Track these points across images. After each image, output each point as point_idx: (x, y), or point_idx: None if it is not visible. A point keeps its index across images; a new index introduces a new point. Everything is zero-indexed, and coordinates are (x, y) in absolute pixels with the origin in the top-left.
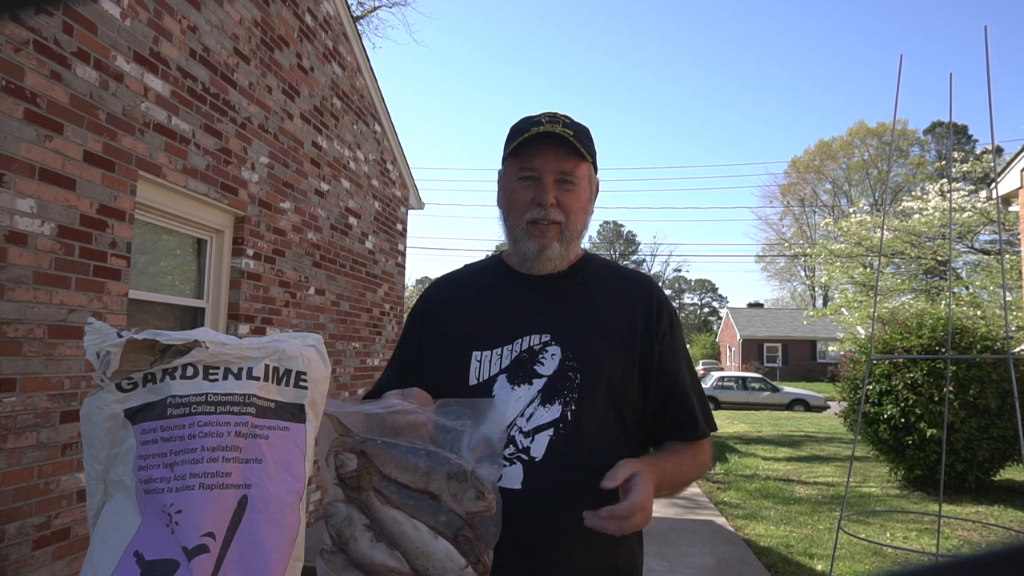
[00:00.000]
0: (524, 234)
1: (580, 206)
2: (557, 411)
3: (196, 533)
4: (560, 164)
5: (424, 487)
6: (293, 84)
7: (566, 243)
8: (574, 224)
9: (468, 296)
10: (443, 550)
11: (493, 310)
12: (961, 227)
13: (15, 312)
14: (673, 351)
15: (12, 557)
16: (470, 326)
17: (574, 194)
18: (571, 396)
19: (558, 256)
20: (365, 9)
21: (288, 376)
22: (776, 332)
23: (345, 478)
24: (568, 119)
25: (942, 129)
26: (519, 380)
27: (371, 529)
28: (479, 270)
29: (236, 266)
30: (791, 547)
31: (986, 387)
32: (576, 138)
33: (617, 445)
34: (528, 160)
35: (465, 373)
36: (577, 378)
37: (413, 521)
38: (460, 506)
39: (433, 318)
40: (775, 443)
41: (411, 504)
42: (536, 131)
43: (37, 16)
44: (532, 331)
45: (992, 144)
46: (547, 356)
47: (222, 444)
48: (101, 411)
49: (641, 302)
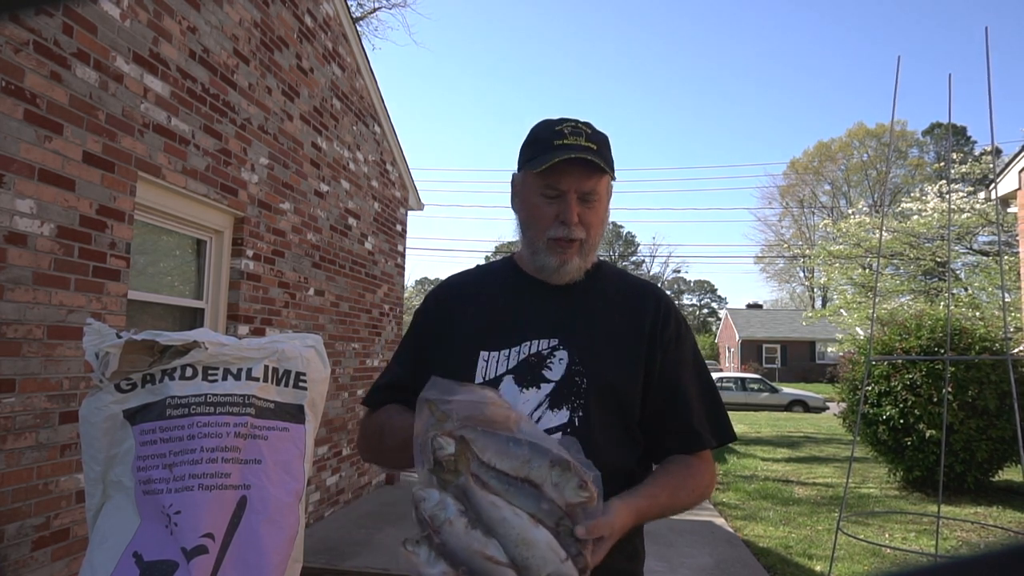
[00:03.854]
0: (545, 249)
1: (600, 220)
2: (565, 416)
3: (195, 534)
4: (583, 184)
5: (525, 475)
6: (293, 85)
7: (585, 256)
8: (594, 238)
9: (478, 296)
10: (545, 539)
11: (502, 312)
12: (960, 228)
13: (14, 313)
14: (678, 359)
15: (11, 558)
16: (478, 326)
17: (595, 210)
18: (578, 402)
19: (577, 270)
20: (365, 10)
21: (287, 377)
22: (775, 333)
23: (442, 461)
24: (590, 129)
25: (941, 130)
26: (527, 383)
27: (466, 515)
28: (490, 271)
29: (236, 267)
30: (790, 548)
31: (985, 388)
32: (599, 153)
33: (623, 450)
34: (552, 178)
35: (472, 372)
36: (584, 383)
37: (513, 508)
38: (561, 496)
39: (443, 316)
40: (774, 444)
41: (511, 491)
42: (561, 150)
43: (37, 17)
44: (540, 335)
45: (991, 145)
46: (555, 361)
47: (221, 445)
48: (100, 412)
49: (648, 310)
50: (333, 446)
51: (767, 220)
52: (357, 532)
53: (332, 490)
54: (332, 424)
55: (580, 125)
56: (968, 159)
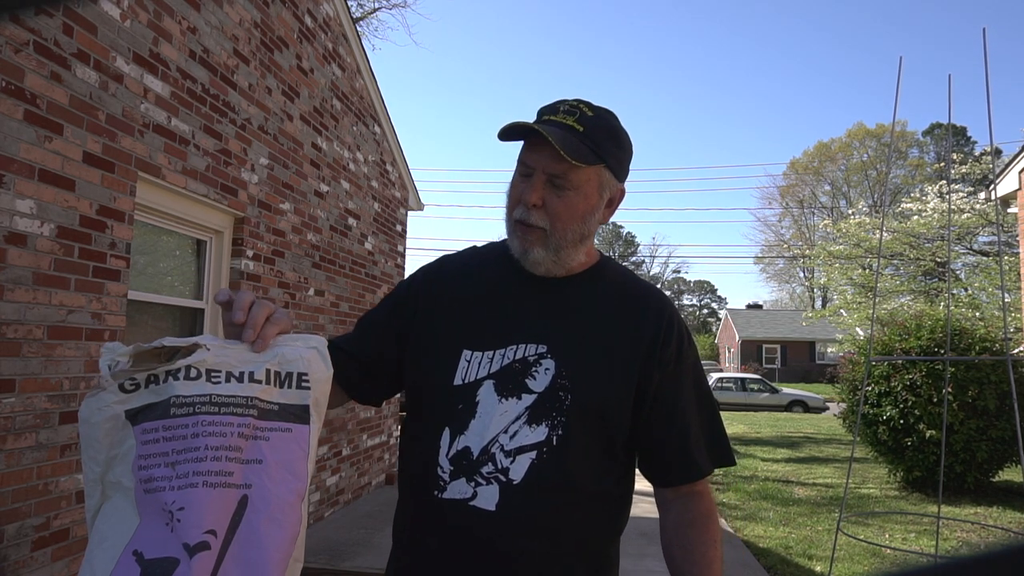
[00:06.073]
0: (512, 231)
1: (573, 214)
2: (543, 433)
3: (198, 530)
4: (552, 166)
5: None
6: (293, 85)
7: (553, 250)
8: (562, 233)
9: (469, 285)
10: None
11: (491, 306)
12: (960, 228)
13: (14, 313)
14: (678, 381)
15: (11, 558)
16: (465, 320)
17: (565, 199)
18: (559, 419)
19: (546, 261)
20: (365, 11)
21: (290, 379)
22: (775, 333)
23: None
24: (590, 112)
25: (941, 131)
26: (508, 392)
27: None
28: (486, 257)
29: (236, 267)
30: (790, 548)
31: (985, 388)
32: (584, 136)
33: (600, 473)
34: (524, 154)
35: (452, 371)
36: (568, 399)
37: None
38: None
39: (429, 298)
40: (774, 444)
41: None
42: (540, 125)
43: (37, 17)
44: (528, 339)
45: (991, 146)
46: (540, 370)
47: (225, 444)
48: (101, 412)
49: (650, 324)
50: (333, 446)
51: (767, 220)
52: (357, 532)
53: (332, 490)
54: (332, 424)
55: (581, 105)
56: (968, 159)
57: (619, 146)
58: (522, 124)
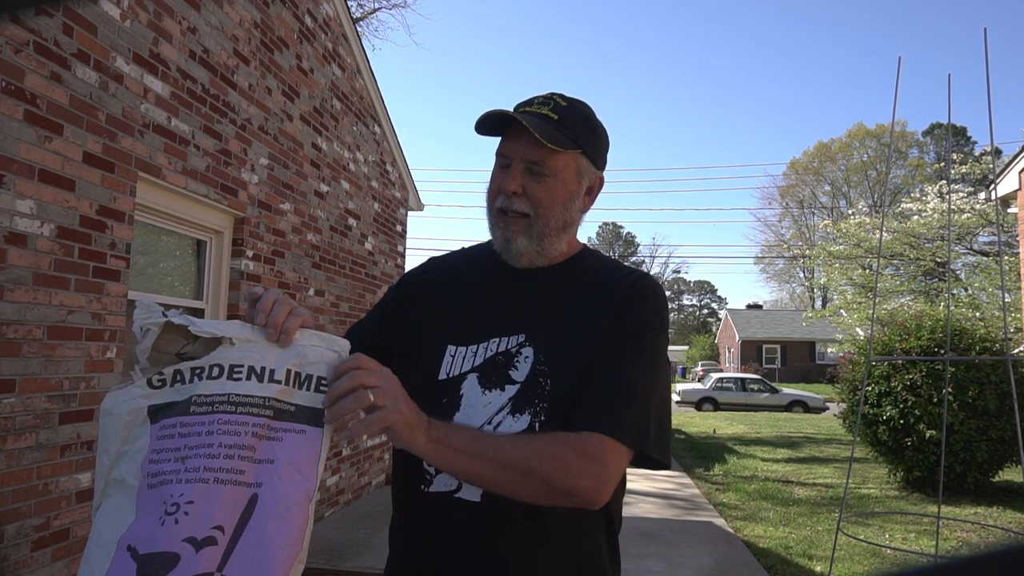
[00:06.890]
0: (494, 223)
1: (554, 200)
2: (526, 421)
3: (206, 525)
4: (530, 153)
5: None
6: (293, 85)
7: (537, 239)
8: (545, 219)
9: (456, 283)
10: None
11: (475, 302)
12: (960, 229)
13: (14, 313)
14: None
15: (11, 558)
16: (450, 316)
17: (545, 186)
18: (541, 406)
19: (529, 251)
20: (365, 11)
21: (309, 381)
22: (775, 333)
23: None
24: (563, 102)
25: (941, 131)
26: (491, 384)
27: None
28: (471, 256)
29: (236, 267)
30: (790, 548)
31: (985, 388)
32: (560, 124)
33: None
34: (503, 145)
35: (437, 367)
36: (547, 384)
37: None
38: None
39: (418, 299)
40: (774, 444)
41: None
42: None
43: (37, 17)
44: (507, 331)
45: (991, 146)
46: (521, 359)
47: (239, 443)
48: (126, 404)
49: (617, 296)
50: (333, 446)
51: (767, 220)
52: (357, 532)
53: (332, 490)
54: None
55: (555, 96)
56: (968, 159)
57: (594, 133)
58: (497, 112)
